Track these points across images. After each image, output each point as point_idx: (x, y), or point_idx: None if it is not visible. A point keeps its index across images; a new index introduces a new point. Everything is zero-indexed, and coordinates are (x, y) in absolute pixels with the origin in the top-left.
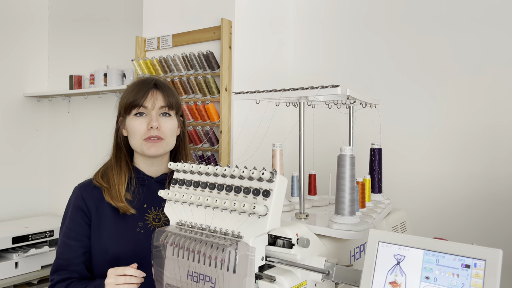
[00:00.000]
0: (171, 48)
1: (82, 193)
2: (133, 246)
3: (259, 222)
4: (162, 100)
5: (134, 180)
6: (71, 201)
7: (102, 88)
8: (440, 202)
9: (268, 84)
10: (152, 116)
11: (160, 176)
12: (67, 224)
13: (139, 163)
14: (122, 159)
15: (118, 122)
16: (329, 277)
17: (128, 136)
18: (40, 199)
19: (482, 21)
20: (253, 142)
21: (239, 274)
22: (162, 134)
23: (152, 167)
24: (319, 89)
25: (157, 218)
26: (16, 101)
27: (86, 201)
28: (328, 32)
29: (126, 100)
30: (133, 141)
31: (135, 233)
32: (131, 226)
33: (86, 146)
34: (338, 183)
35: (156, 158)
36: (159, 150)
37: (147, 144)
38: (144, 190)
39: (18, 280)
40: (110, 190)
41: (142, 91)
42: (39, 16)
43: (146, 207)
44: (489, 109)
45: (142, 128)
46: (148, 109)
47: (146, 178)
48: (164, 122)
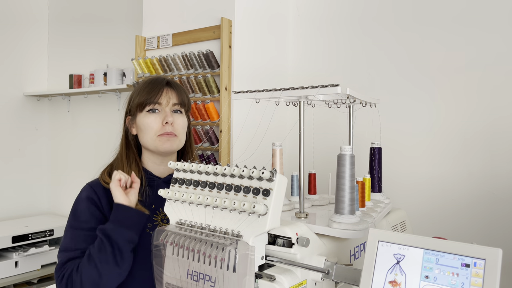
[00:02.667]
0: (171, 47)
1: (94, 189)
2: (143, 247)
3: (259, 221)
4: (175, 97)
5: (144, 180)
6: (81, 197)
7: (102, 87)
8: (440, 201)
9: (268, 83)
10: (167, 112)
11: (167, 177)
12: (77, 217)
13: (147, 163)
14: (131, 158)
15: (125, 121)
16: (329, 276)
17: (138, 133)
18: (40, 199)
19: (482, 21)
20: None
21: (239, 273)
22: (175, 130)
23: (161, 166)
24: (319, 88)
25: (166, 219)
26: (16, 100)
27: (100, 198)
28: (328, 31)
29: (139, 99)
30: (145, 138)
31: (144, 234)
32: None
33: (86, 145)
34: (338, 182)
35: (166, 157)
36: (173, 146)
37: (162, 139)
38: (153, 190)
39: (18, 279)
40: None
41: (157, 89)
42: (39, 15)
43: (154, 208)
44: (489, 108)
45: (157, 124)
46: (162, 106)
47: (154, 178)
48: (177, 118)
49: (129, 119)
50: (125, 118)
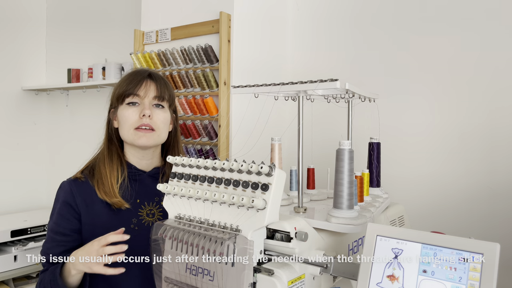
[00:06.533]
0: (169, 41)
1: (71, 188)
2: (128, 242)
3: (258, 216)
4: (155, 90)
5: (126, 174)
6: (59, 196)
7: (101, 81)
8: (438, 196)
9: (267, 78)
10: (145, 104)
11: (152, 170)
12: (55, 220)
13: (130, 157)
14: (113, 152)
15: (109, 114)
16: (327, 270)
17: (119, 126)
18: (39, 193)
19: (482, 20)
20: (252, 136)
21: (237, 267)
22: (154, 124)
23: (143, 161)
24: (318, 83)
25: (151, 214)
26: (14, 95)
27: (75, 197)
28: (327, 26)
29: (119, 90)
30: (123, 131)
31: (129, 230)
32: (125, 222)
33: (85, 140)
34: (337, 177)
35: (147, 151)
36: (149, 140)
37: (138, 133)
38: (137, 185)
39: (17, 274)
40: (103, 186)
41: (136, 80)
42: (37, 9)
43: (139, 203)
44: (488, 103)
45: (134, 117)
46: (141, 98)
47: (138, 172)
48: (157, 113)
49: (112, 111)
50: (109, 110)
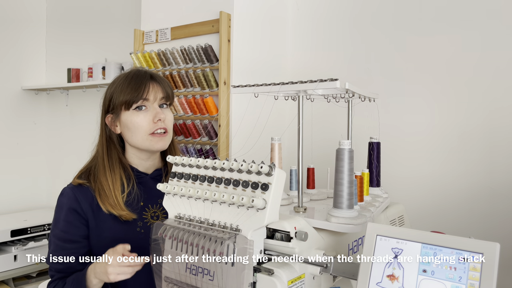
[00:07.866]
0: (169, 41)
1: (75, 194)
2: (134, 245)
3: (258, 216)
4: (161, 91)
5: (131, 179)
6: (62, 203)
7: (100, 81)
8: (438, 196)
9: (267, 77)
10: (156, 108)
11: (154, 172)
12: (62, 228)
13: (132, 160)
14: (114, 159)
15: (105, 120)
16: (327, 270)
17: (125, 132)
18: (39, 192)
19: (482, 20)
20: (252, 136)
21: (237, 267)
22: (167, 126)
23: (147, 162)
24: (318, 82)
25: (155, 216)
26: (14, 94)
27: (81, 203)
28: (327, 26)
29: (123, 97)
30: (136, 138)
31: (135, 233)
32: (131, 227)
33: (84, 140)
34: (337, 177)
35: (155, 153)
36: (166, 144)
37: (154, 138)
38: (141, 188)
39: (17, 273)
40: (107, 198)
41: (142, 84)
42: (37, 9)
43: (143, 205)
44: (488, 103)
45: (147, 123)
46: (149, 102)
47: (141, 175)
48: (166, 114)
49: (111, 117)
50: (104, 116)
